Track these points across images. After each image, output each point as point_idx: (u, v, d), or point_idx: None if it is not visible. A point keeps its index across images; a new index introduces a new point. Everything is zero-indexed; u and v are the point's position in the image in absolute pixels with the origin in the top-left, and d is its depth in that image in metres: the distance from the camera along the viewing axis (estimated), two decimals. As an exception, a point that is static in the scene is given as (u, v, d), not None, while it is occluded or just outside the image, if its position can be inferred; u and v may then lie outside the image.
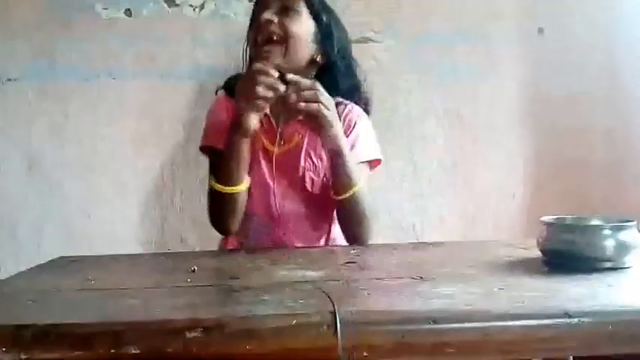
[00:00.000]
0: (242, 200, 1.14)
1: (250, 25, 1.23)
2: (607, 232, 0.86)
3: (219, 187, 1.12)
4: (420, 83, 1.64)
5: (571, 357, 0.88)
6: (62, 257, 1.12)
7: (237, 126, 1.08)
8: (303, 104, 1.05)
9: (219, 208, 1.15)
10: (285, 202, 1.21)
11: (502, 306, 0.67)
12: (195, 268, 0.91)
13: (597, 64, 1.70)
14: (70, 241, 1.62)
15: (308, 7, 1.20)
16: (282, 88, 1.04)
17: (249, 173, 1.16)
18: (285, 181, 1.20)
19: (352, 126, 1.22)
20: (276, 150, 1.20)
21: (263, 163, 1.20)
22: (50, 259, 1.09)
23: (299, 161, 1.20)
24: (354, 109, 1.25)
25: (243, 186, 1.13)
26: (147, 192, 1.65)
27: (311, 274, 0.87)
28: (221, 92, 1.29)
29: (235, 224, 1.17)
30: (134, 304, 0.71)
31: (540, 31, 1.70)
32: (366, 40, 1.63)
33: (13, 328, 0.61)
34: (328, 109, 1.07)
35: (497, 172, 1.71)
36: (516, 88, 1.71)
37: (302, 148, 1.21)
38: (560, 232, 0.89)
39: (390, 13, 1.66)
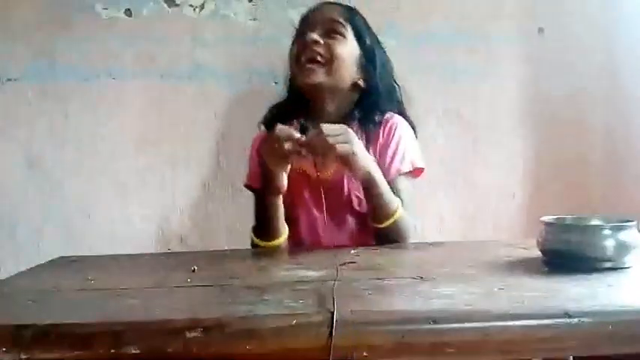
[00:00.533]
0: (283, 248, 1.16)
1: (293, 43, 1.26)
2: (607, 232, 0.86)
3: (258, 241, 1.14)
4: (420, 83, 1.64)
5: (571, 357, 0.88)
6: (62, 257, 1.12)
7: (267, 186, 1.09)
8: (335, 146, 1.04)
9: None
10: (333, 224, 1.21)
11: (502, 306, 0.67)
12: (195, 268, 0.91)
13: (597, 64, 1.70)
14: (70, 241, 1.62)
15: (353, 31, 1.22)
16: (299, 137, 1.03)
17: (297, 202, 1.20)
18: (333, 205, 1.20)
19: (392, 134, 1.23)
20: (320, 176, 1.16)
21: (308, 191, 1.22)
22: (50, 259, 1.09)
23: (343, 183, 1.22)
24: (394, 117, 1.26)
25: (281, 239, 1.14)
26: (147, 192, 1.65)
27: (311, 274, 0.87)
28: (261, 128, 1.31)
29: None
30: (134, 304, 0.71)
31: (540, 31, 1.70)
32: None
33: (13, 328, 0.61)
34: (355, 149, 1.06)
35: (497, 172, 1.71)
36: (516, 88, 1.71)
37: (342, 173, 1.21)
38: (560, 232, 0.89)
39: (390, 13, 1.66)
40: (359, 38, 1.24)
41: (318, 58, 1.18)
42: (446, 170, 1.68)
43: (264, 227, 1.14)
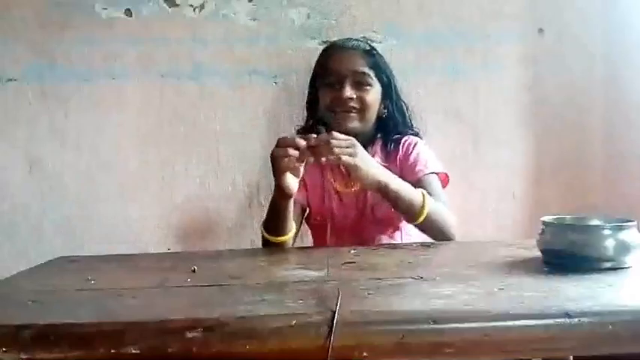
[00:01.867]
0: (288, 244, 1.23)
1: (318, 73, 1.39)
2: (607, 232, 0.86)
3: (267, 236, 1.21)
4: (420, 83, 1.64)
5: (571, 357, 0.88)
6: (62, 257, 1.12)
7: (277, 189, 1.15)
8: (342, 156, 1.11)
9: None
10: (357, 231, 1.33)
11: (502, 306, 0.67)
12: (195, 268, 0.91)
13: (597, 64, 1.70)
14: (70, 241, 1.62)
15: (375, 73, 1.36)
16: (302, 143, 1.09)
17: (325, 212, 1.35)
18: (360, 213, 1.34)
19: (411, 149, 1.36)
20: (349, 191, 1.34)
21: (336, 200, 1.35)
22: (50, 259, 1.09)
23: (366, 195, 1.33)
24: (410, 137, 1.39)
25: (288, 236, 1.21)
26: (147, 192, 1.65)
27: (311, 274, 0.87)
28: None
29: None
30: (134, 304, 0.71)
31: (540, 31, 1.70)
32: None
33: (13, 328, 0.61)
34: (359, 163, 1.12)
35: (497, 172, 1.71)
36: (516, 88, 1.71)
37: None
38: (560, 232, 0.90)
39: (390, 12, 1.66)
40: (379, 78, 1.37)
41: (353, 110, 1.33)
42: (445, 170, 1.68)
43: (272, 224, 1.21)
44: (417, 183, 1.26)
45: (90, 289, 0.81)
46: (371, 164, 1.15)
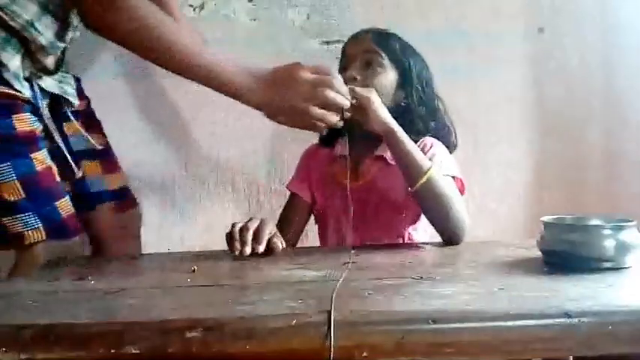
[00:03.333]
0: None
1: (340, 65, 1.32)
2: (607, 232, 0.86)
3: None
4: (420, 83, 1.64)
5: (571, 357, 0.88)
6: (62, 257, 1.12)
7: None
8: (355, 89, 1.09)
9: None
10: (359, 229, 1.26)
11: (502, 306, 0.67)
12: (195, 268, 0.91)
13: (597, 64, 1.70)
14: (70, 241, 1.62)
15: (390, 59, 1.27)
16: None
17: (327, 210, 1.32)
18: (360, 212, 1.25)
19: (427, 149, 1.25)
20: (352, 185, 1.22)
21: (340, 197, 1.27)
22: (50, 259, 1.09)
23: (372, 193, 1.28)
24: (427, 139, 1.29)
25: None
26: (147, 192, 1.65)
27: (311, 274, 0.87)
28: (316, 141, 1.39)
29: None
30: (134, 304, 0.71)
31: (540, 31, 1.70)
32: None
33: (13, 328, 0.61)
34: (374, 98, 1.12)
35: (498, 172, 1.71)
36: (516, 88, 1.71)
37: (374, 182, 1.28)
38: (560, 232, 0.90)
39: (390, 12, 1.66)
40: (396, 62, 1.28)
41: None
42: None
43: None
44: None
45: (90, 289, 0.81)
46: (384, 109, 1.14)
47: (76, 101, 1.26)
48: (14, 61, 1.08)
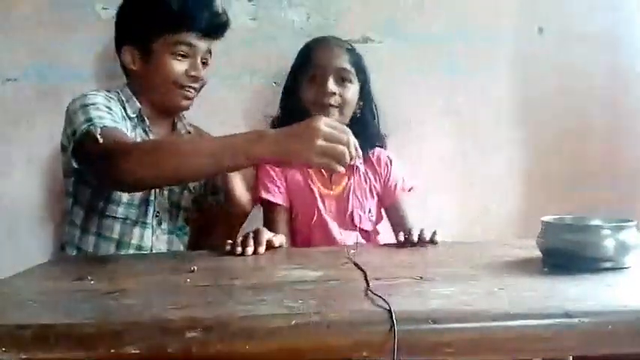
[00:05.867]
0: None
1: (300, 67, 1.44)
2: (607, 232, 0.86)
3: None
4: (419, 83, 1.64)
5: (571, 357, 0.88)
6: (62, 257, 1.12)
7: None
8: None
9: None
10: (339, 234, 1.40)
11: (502, 306, 0.67)
12: (195, 268, 0.91)
13: (597, 64, 1.70)
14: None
15: (356, 75, 1.42)
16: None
17: (310, 214, 1.40)
18: (339, 218, 1.41)
19: (389, 165, 1.48)
20: (329, 193, 1.43)
21: (320, 204, 1.41)
22: (50, 259, 1.09)
23: (348, 201, 1.42)
24: (382, 152, 1.51)
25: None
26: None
27: (311, 274, 0.87)
28: None
29: None
30: (134, 304, 0.71)
31: (540, 31, 1.70)
32: (365, 39, 1.63)
33: (13, 328, 0.61)
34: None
35: (497, 171, 1.70)
36: (516, 88, 1.71)
37: (349, 190, 1.42)
38: (560, 232, 0.90)
39: (390, 12, 1.65)
40: (358, 76, 1.43)
41: (334, 104, 1.38)
42: (445, 170, 1.68)
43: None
44: (395, 204, 1.46)
45: (90, 289, 0.81)
46: None
47: None
48: None
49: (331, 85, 1.37)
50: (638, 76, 1.67)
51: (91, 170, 1.14)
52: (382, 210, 1.50)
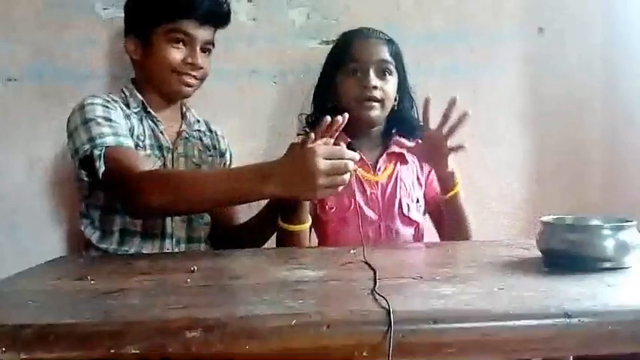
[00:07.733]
0: (305, 235, 1.23)
1: (338, 61, 1.37)
2: (607, 232, 0.86)
3: (285, 225, 1.19)
4: (419, 83, 1.64)
5: (571, 357, 0.88)
6: (62, 257, 1.12)
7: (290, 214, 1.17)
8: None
9: (285, 244, 1.22)
10: (385, 228, 1.34)
11: (502, 306, 0.67)
12: (195, 268, 0.91)
13: (597, 64, 1.70)
14: (69, 241, 1.62)
15: (395, 67, 1.37)
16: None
17: (351, 202, 1.31)
18: (385, 207, 1.35)
19: (430, 169, 1.40)
20: (374, 179, 1.36)
21: (361, 193, 1.34)
22: (50, 259, 1.09)
23: (395, 188, 1.36)
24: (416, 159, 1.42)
25: (305, 225, 1.20)
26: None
27: (311, 274, 0.87)
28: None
29: None
30: (134, 304, 0.71)
31: (540, 31, 1.70)
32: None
33: (13, 328, 0.61)
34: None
35: (497, 171, 1.71)
36: (516, 88, 1.71)
37: (396, 176, 1.37)
38: (560, 232, 0.90)
39: (390, 12, 1.66)
40: (397, 69, 1.38)
41: (378, 98, 1.33)
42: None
43: (293, 214, 1.19)
44: (437, 198, 1.37)
45: (90, 289, 0.81)
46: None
47: None
48: None
49: (373, 79, 1.32)
50: (637, 75, 1.66)
51: (100, 187, 1.21)
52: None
